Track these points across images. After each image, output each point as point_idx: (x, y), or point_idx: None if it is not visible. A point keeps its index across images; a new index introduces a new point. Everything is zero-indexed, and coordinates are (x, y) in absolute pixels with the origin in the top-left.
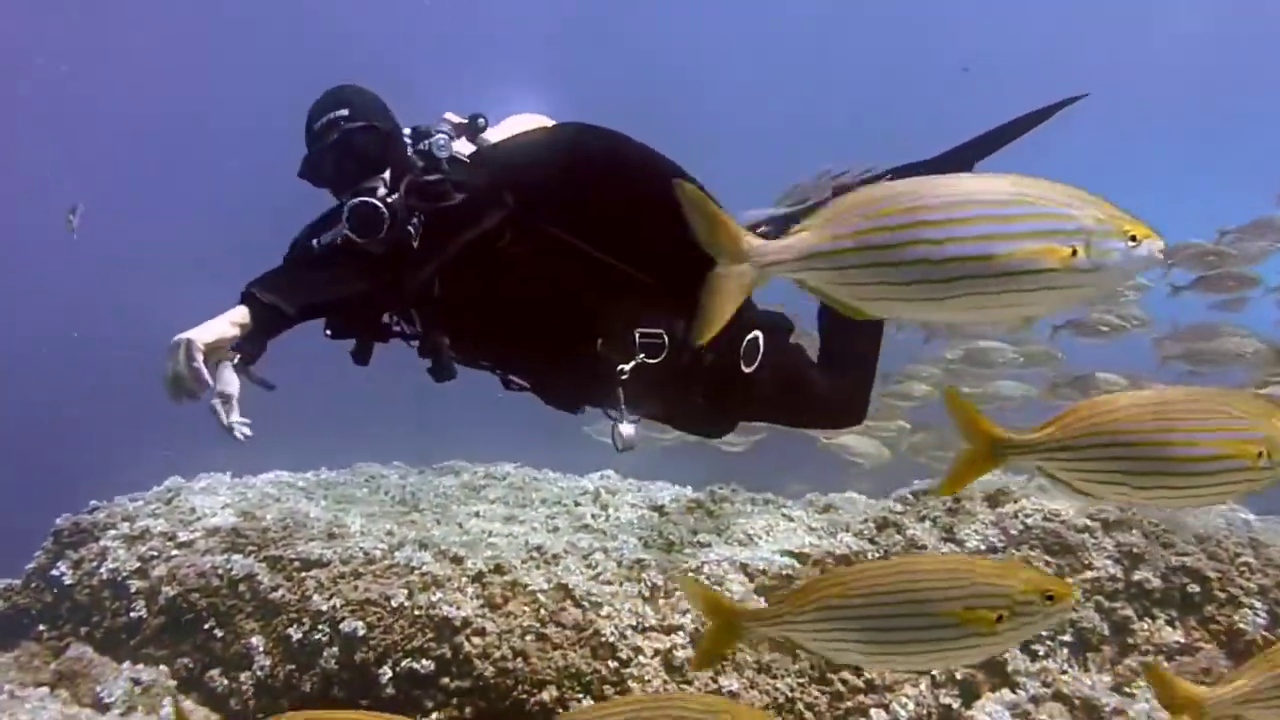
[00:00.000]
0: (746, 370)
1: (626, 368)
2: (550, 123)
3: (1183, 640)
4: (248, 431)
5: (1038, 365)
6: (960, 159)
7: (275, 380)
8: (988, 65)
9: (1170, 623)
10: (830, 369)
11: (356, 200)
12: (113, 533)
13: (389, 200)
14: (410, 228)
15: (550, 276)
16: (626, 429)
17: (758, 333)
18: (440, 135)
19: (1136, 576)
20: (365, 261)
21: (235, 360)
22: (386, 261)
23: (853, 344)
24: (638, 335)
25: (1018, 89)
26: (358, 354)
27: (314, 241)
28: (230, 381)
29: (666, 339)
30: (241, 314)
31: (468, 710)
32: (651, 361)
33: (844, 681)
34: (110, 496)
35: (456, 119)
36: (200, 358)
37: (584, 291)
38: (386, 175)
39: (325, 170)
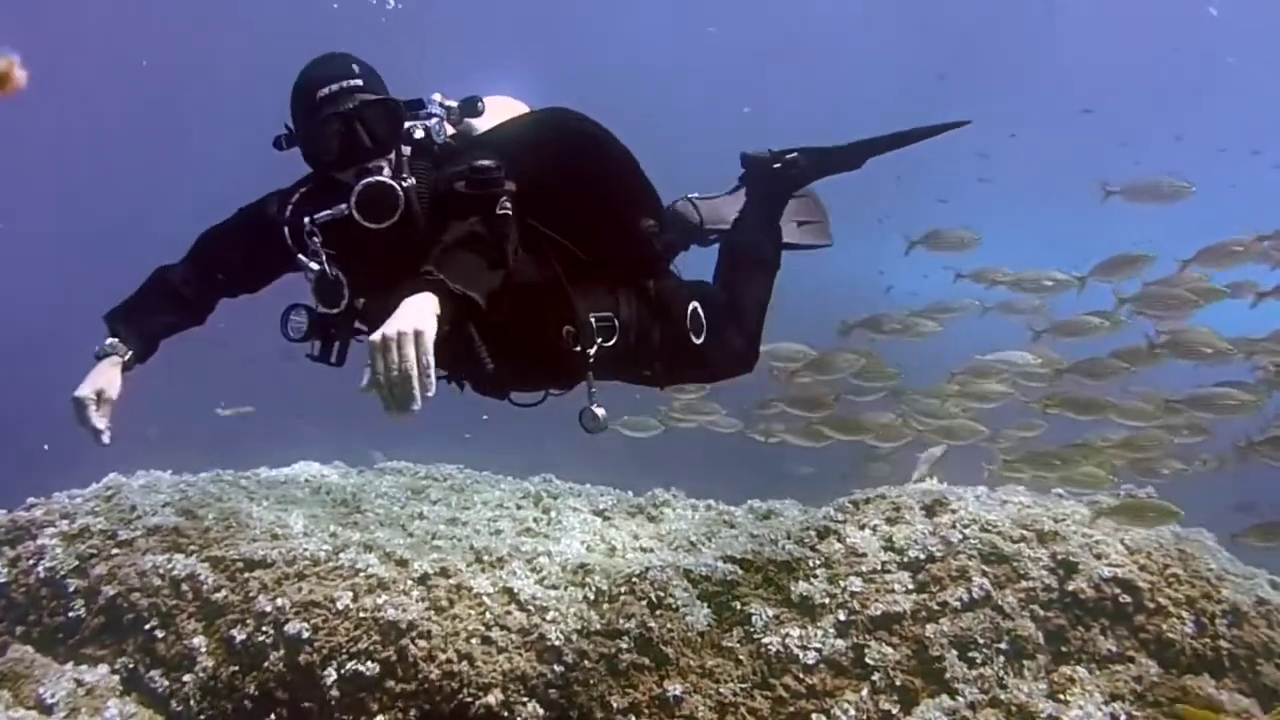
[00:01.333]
0: (697, 341)
1: (592, 351)
2: (524, 107)
3: (1115, 649)
4: (106, 441)
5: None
6: (858, 153)
7: (201, 384)
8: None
9: (1103, 631)
10: (736, 319)
11: (371, 181)
12: (50, 530)
13: (404, 183)
14: (418, 210)
15: (533, 264)
16: (599, 410)
17: (695, 304)
18: (435, 118)
19: (1070, 586)
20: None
21: (128, 358)
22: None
23: (751, 291)
24: (594, 320)
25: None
26: (336, 354)
27: (306, 219)
28: (112, 385)
29: (616, 322)
30: (431, 302)
31: (412, 713)
32: (607, 344)
33: (786, 687)
34: (48, 493)
35: (448, 102)
36: (88, 414)
37: (556, 279)
38: (392, 156)
39: (328, 142)
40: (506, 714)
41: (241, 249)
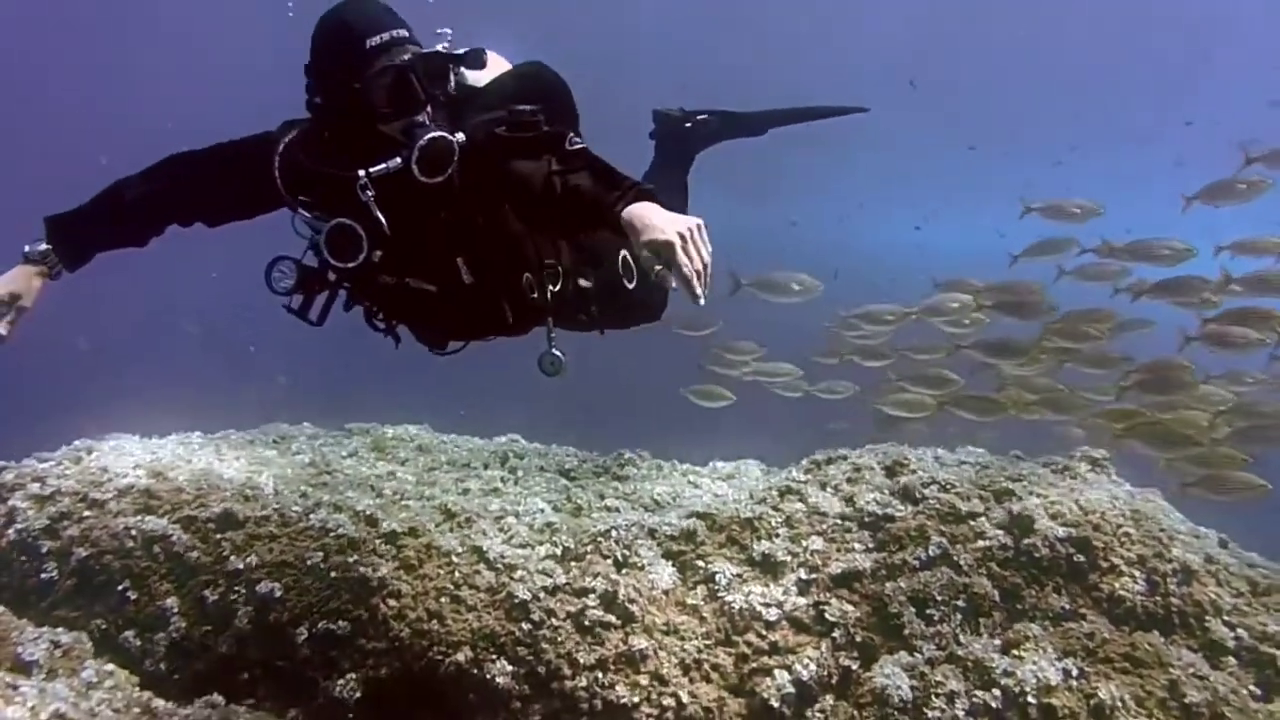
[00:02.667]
0: (629, 286)
1: (549, 296)
2: (504, 60)
3: (1068, 606)
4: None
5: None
6: (763, 121)
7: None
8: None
9: (1057, 590)
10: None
11: (435, 136)
12: (21, 493)
13: (457, 137)
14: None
15: (510, 214)
16: (558, 353)
17: (624, 252)
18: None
19: (1025, 544)
20: None
21: (55, 270)
22: None
23: None
24: (544, 266)
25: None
26: (317, 313)
27: (361, 173)
28: (29, 293)
29: (560, 269)
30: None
31: (383, 670)
32: (554, 289)
33: (749, 644)
34: (18, 457)
35: (455, 52)
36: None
37: (526, 228)
38: (430, 109)
39: (378, 95)
40: (476, 671)
41: (218, 183)
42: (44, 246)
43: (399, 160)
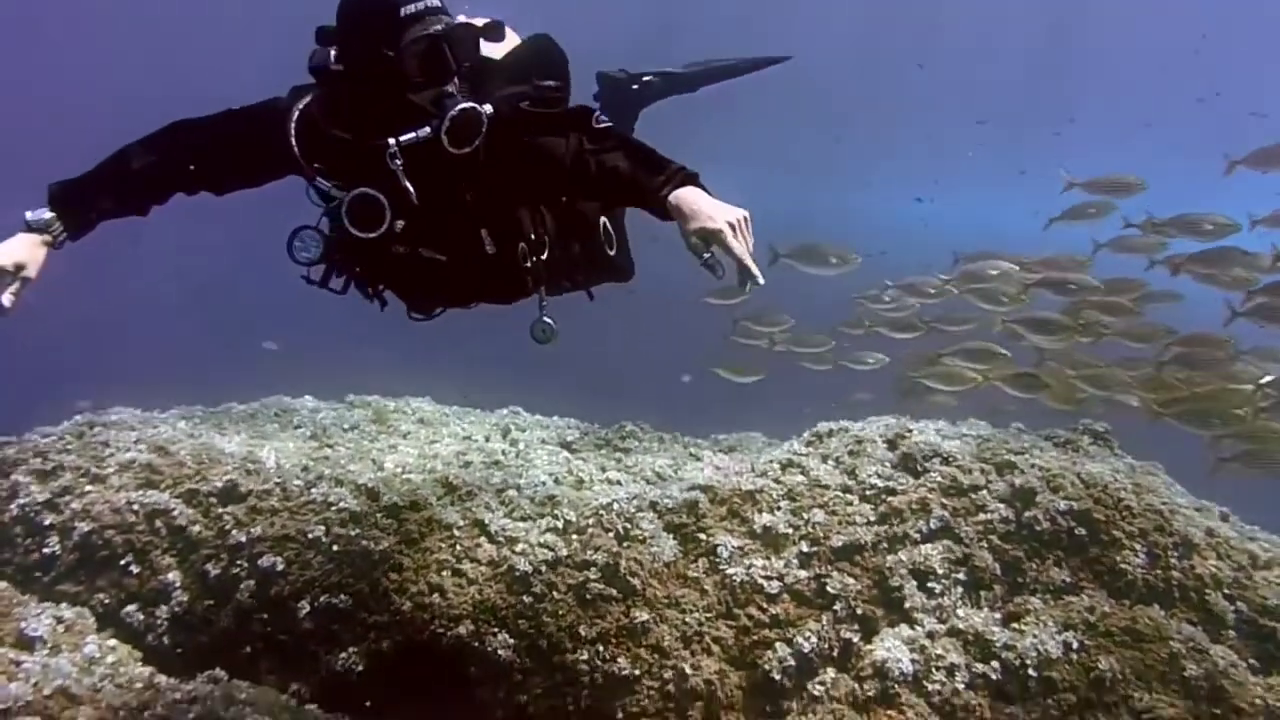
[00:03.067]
0: (611, 253)
1: (541, 262)
2: (514, 34)
3: (1069, 580)
4: (5, 305)
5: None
6: (697, 79)
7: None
8: None
9: (1058, 563)
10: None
11: (466, 107)
12: (24, 468)
13: (485, 109)
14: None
15: (515, 185)
16: (549, 320)
17: (604, 219)
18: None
19: (1026, 517)
20: None
21: (60, 239)
22: None
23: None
24: (532, 235)
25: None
26: (344, 282)
27: (391, 141)
28: (34, 263)
29: (547, 237)
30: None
31: (385, 644)
32: (543, 258)
33: (750, 616)
34: (20, 432)
35: (473, 23)
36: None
37: (521, 198)
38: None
39: (409, 64)
40: (477, 644)
41: (230, 150)
42: (48, 215)
43: (428, 130)
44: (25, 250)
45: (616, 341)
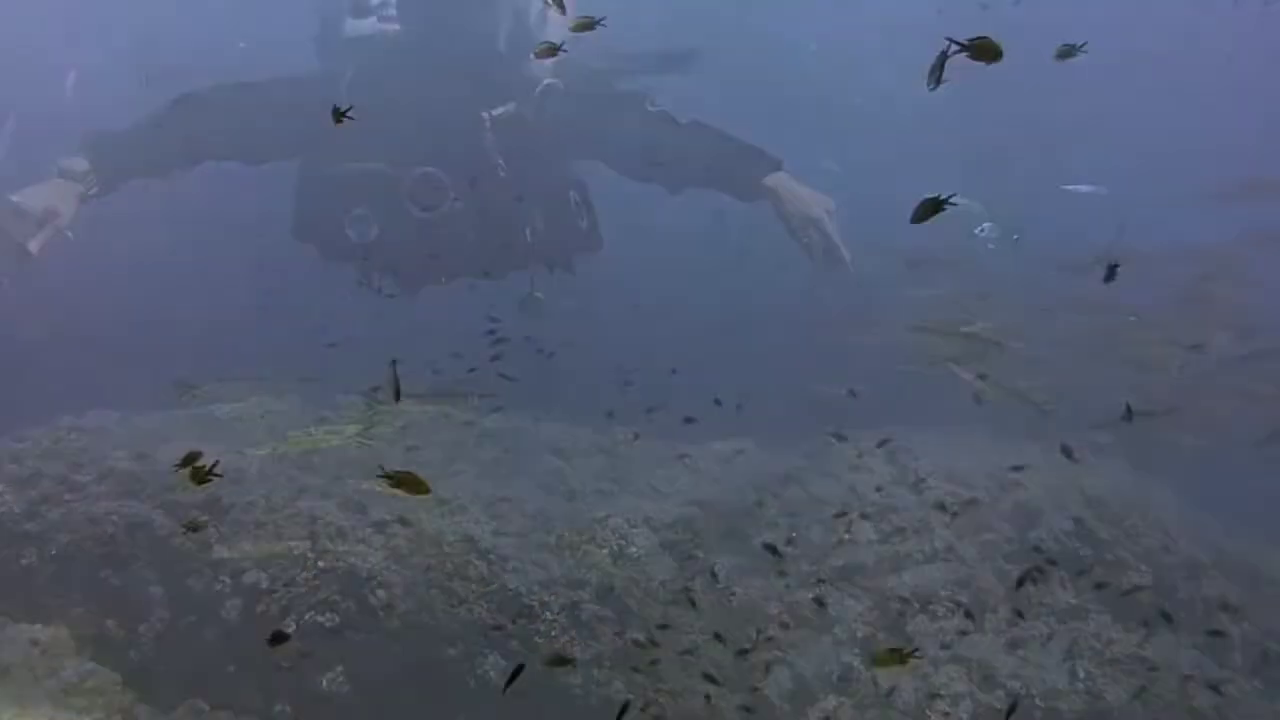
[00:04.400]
0: (583, 226)
1: (529, 233)
2: None
3: (1074, 601)
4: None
5: None
6: None
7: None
8: None
9: (1062, 584)
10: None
11: (551, 81)
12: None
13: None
14: None
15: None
16: (539, 295)
17: (572, 191)
18: None
19: (1031, 537)
20: None
21: (93, 192)
22: None
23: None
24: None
25: None
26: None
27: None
28: (67, 212)
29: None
30: None
31: (372, 664)
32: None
33: (748, 637)
34: None
35: None
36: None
37: None
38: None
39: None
40: (467, 665)
41: (275, 118)
42: (85, 165)
43: (514, 104)
44: (64, 198)
45: (616, 342)
